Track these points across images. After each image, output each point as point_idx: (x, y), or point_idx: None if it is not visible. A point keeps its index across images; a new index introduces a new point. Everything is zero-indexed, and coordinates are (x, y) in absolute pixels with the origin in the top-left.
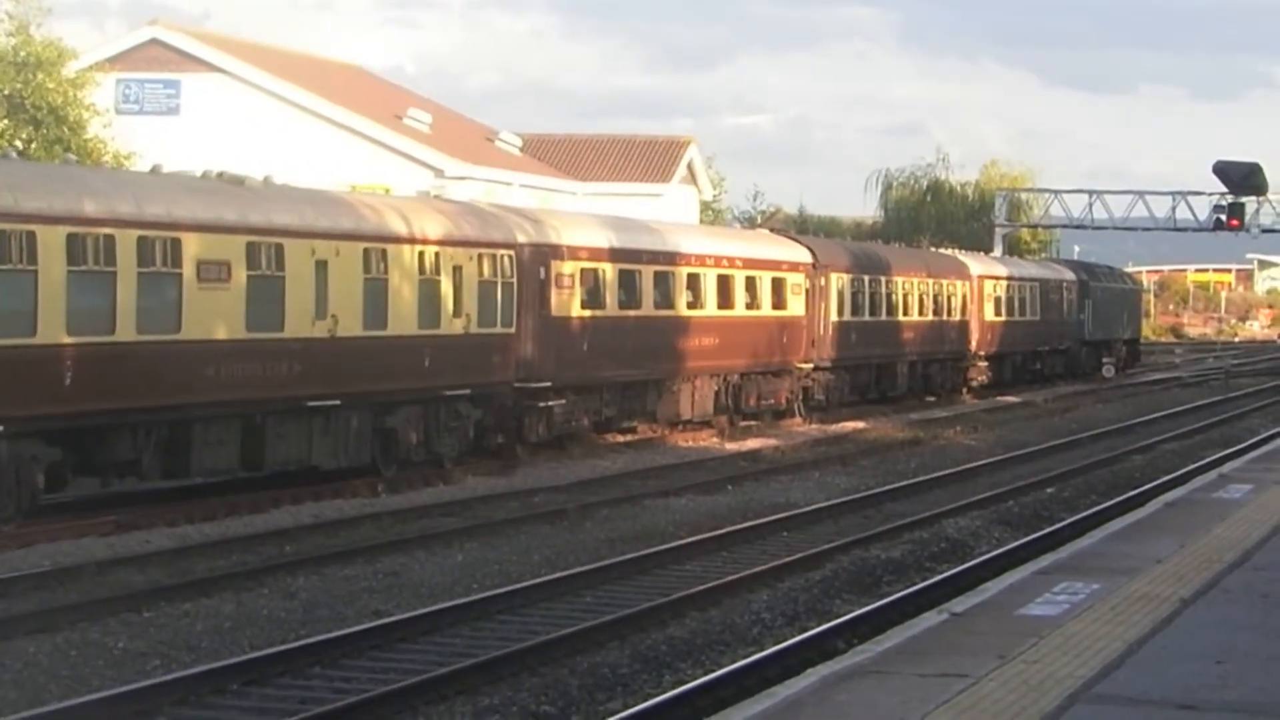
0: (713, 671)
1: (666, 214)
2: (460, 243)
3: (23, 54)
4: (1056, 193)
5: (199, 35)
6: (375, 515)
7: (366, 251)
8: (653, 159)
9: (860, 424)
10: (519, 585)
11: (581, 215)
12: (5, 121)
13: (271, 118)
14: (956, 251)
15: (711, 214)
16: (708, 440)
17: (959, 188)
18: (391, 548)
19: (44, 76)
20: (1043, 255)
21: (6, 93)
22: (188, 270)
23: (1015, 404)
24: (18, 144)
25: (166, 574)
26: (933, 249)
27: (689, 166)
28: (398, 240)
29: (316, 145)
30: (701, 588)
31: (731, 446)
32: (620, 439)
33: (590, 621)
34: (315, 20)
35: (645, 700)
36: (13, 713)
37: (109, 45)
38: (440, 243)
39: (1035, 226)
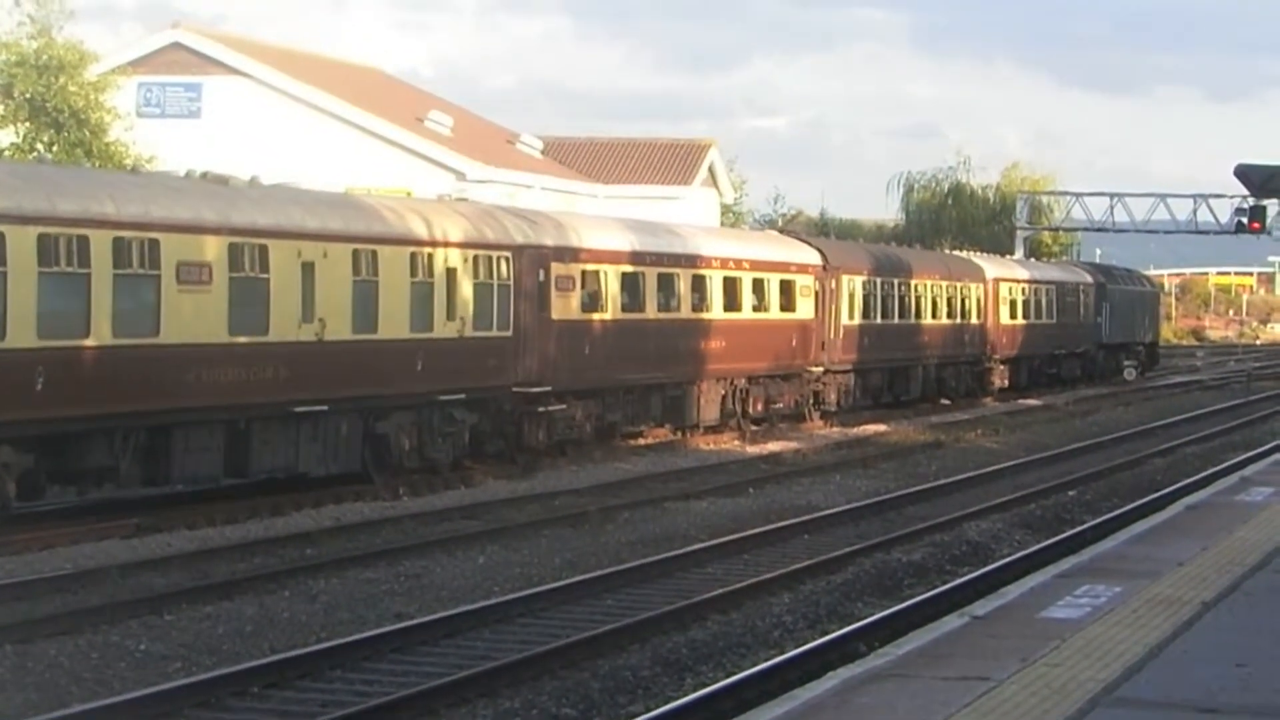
0: (734, 674)
1: (687, 217)
2: (455, 244)
3: (45, 57)
4: (1078, 196)
5: (220, 38)
6: (396, 518)
7: (356, 253)
8: (674, 162)
9: (881, 427)
10: (540, 588)
11: (583, 216)
12: (27, 124)
13: (293, 121)
14: (972, 254)
15: (732, 217)
16: (728, 443)
17: (980, 191)
18: (412, 551)
19: (66, 79)
20: (1064, 258)
21: (29, 96)
22: (166, 272)
23: (1036, 407)
24: (39, 147)
25: (188, 577)
26: (949, 251)
27: (710, 169)
28: (389, 241)
29: (338, 148)
30: (722, 590)
31: (752, 449)
32: (635, 443)
33: (611, 624)
34: (329, 23)
35: (666, 703)
36: (35, 714)
37: (130, 48)
38: (433, 244)
39: (1056, 229)
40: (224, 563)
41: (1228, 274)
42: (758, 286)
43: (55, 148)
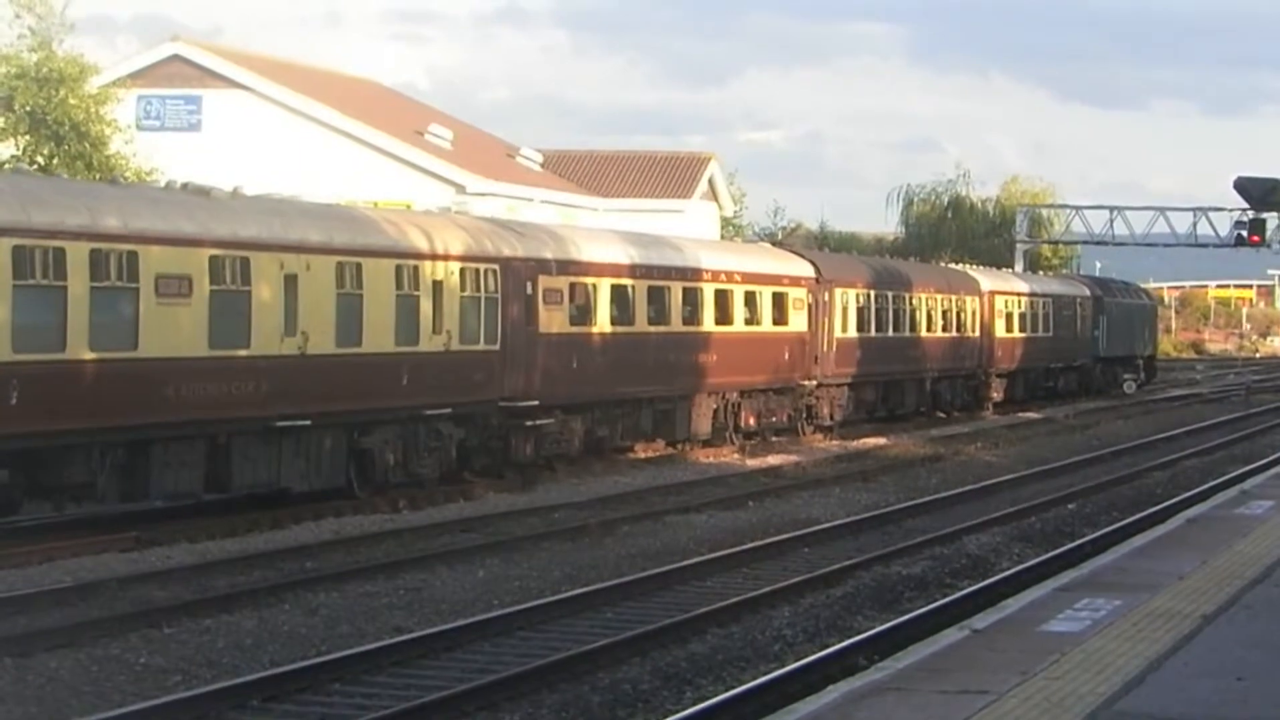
0: (734, 688)
1: (688, 230)
2: (441, 257)
3: (45, 70)
4: (1077, 209)
5: (220, 51)
6: (396, 531)
7: (340, 265)
8: (674, 175)
9: (881, 440)
10: (540, 602)
11: (572, 229)
12: (27, 137)
13: (293, 134)
14: (968, 267)
15: (732, 230)
16: (727, 456)
17: (980, 204)
18: (413, 564)
19: (66, 92)
20: (1063, 271)
21: (29, 109)
22: (145, 285)
23: (1036, 420)
24: (39, 159)
25: (188, 590)
26: (947, 264)
27: (710, 182)
28: (373, 254)
29: (338, 161)
30: (722, 604)
31: (751, 463)
32: (633, 457)
33: (611, 638)
34: (324, 35)
35: (666, 716)
36: None
37: (130, 61)
38: (419, 256)
39: (1056, 243)
40: (224, 576)
41: (1227, 287)
42: (750, 299)
43: (55, 161)
